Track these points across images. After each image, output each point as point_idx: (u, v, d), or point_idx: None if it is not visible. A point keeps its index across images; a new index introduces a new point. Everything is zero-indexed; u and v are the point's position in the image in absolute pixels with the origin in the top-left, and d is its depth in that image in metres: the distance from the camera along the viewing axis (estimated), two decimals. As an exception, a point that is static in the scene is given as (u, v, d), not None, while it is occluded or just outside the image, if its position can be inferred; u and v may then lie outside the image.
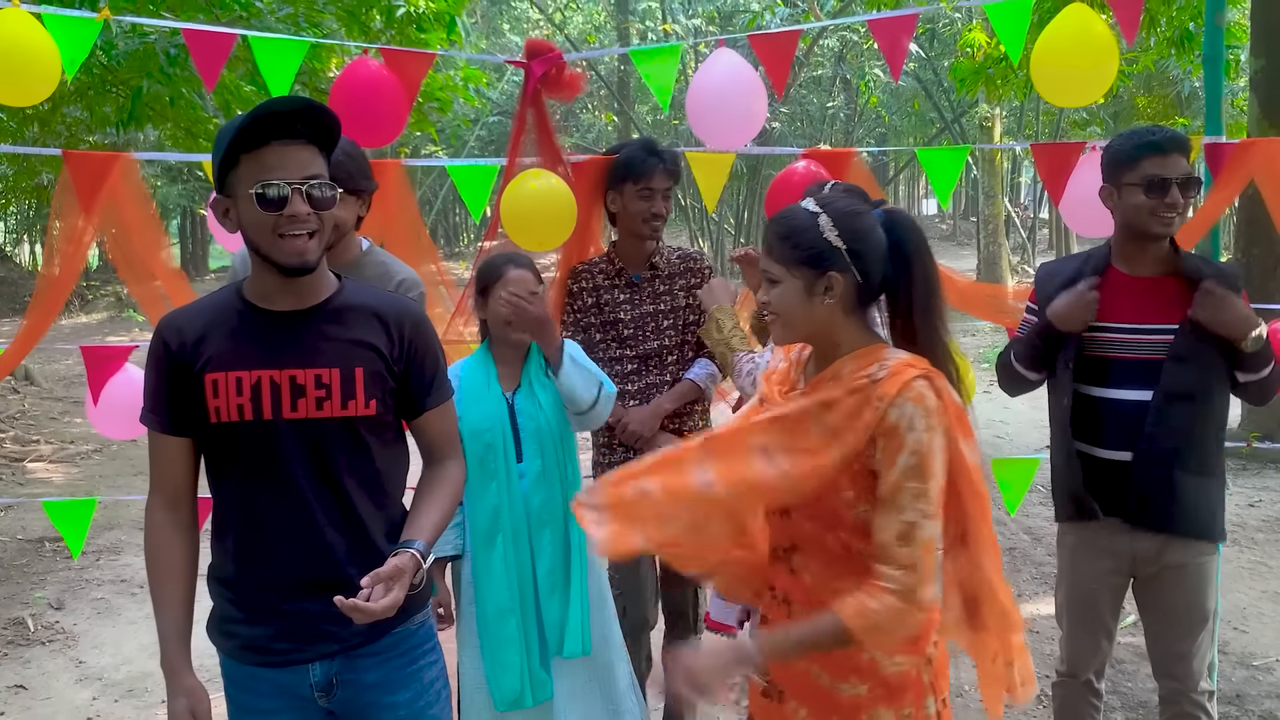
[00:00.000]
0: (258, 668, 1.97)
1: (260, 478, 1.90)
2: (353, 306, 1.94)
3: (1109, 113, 22.35)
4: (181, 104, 7.68)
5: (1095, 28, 3.31)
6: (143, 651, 4.65)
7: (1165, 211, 2.60)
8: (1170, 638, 2.76)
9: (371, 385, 1.91)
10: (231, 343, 1.88)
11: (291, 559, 1.92)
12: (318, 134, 1.83)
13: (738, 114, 3.32)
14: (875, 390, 1.77)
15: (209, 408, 1.86)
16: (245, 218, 1.82)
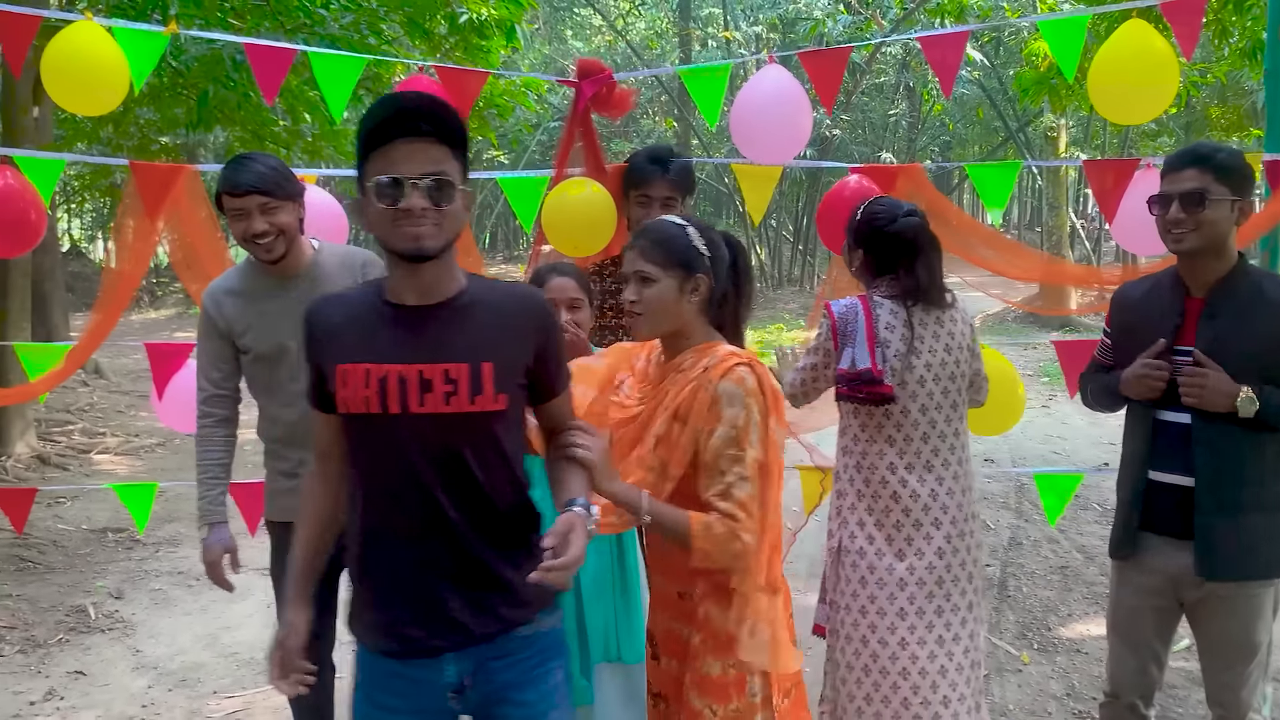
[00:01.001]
0: (391, 659, 1.99)
1: (390, 470, 1.93)
2: (481, 302, 1.96)
3: (1180, 124, 21.89)
4: (248, 107, 7.88)
5: (1154, 43, 3.27)
6: (197, 643, 4.78)
7: (1172, 228, 2.57)
8: (1218, 667, 2.72)
9: (501, 380, 1.93)
10: (362, 336, 1.93)
11: (422, 549, 1.93)
12: (442, 131, 1.85)
13: (782, 130, 3.34)
14: (706, 376, 2.15)
15: (339, 398, 1.93)
16: (369, 212, 1.87)
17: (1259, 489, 2.57)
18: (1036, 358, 13.08)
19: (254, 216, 2.76)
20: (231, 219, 2.80)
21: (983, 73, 21.44)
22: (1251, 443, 2.56)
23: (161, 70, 6.78)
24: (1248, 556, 2.58)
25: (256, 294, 2.90)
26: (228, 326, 2.88)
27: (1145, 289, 2.76)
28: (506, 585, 1.97)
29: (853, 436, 2.82)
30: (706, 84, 3.48)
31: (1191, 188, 2.53)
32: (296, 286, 2.89)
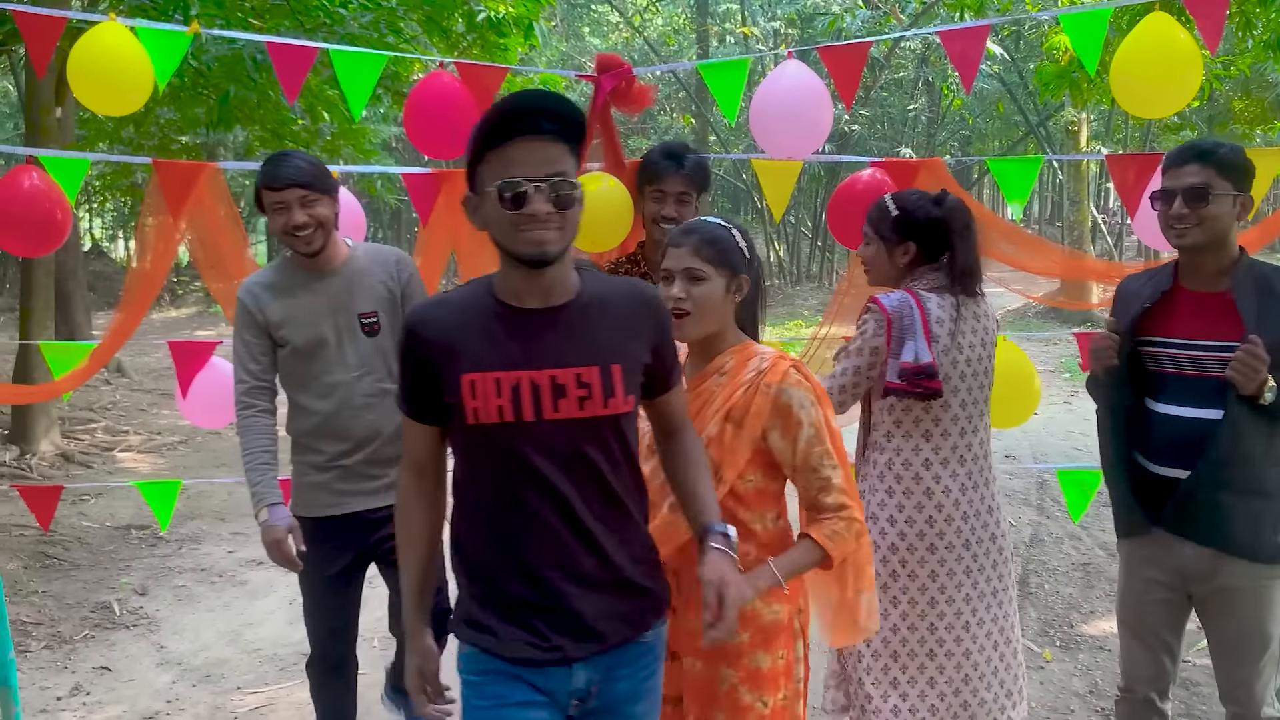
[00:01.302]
0: (522, 667, 1.92)
1: (521, 479, 1.88)
2: (601, 300, 1.93)
3: (1203, 117, 21.69)
4: (268, 106, 7.92)
5: (1176, 37, 3.25)
6: (220, 639, 4.82)
7: (1174, 223, 2.58)
8: (1229, 662, 2.72)
9: (629, 380, 1.91)
10: (487, 343, 1.87)
11: (556, 556, 1.90)
12: (563, 129, 1.81)
13: (802, 125, 3.34)
14: (761, 380, 2.17)
15: (466, 409, 1.85)
16: (489, 213, 1.82)
17: (1261, 476, 2.59)
18: (1058, 353, 13.01)
19: (294, 209, 2.84)
20: (272, 213, 2.87)
21: (1003, 67, 21.30)
22: (1267, 439, 2.58)
23: (182, 70, 6.82)
24: (1245, 536, 2.60)
25: (294, 288, 2.97)
26: (266, 320, 2.95)
27: (1143, 282, 2.79)
28: (637, 589, 1.96)
29: (885, 433, 2.79)
30: (725, 79, 3.47)
31: (1194, 183, 2.55)
32: (332, 281, 2.98)
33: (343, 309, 2.97)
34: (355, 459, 2.99)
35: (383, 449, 3.00)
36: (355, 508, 3.02)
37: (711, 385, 2.23)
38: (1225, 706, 2.79)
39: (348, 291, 2.98)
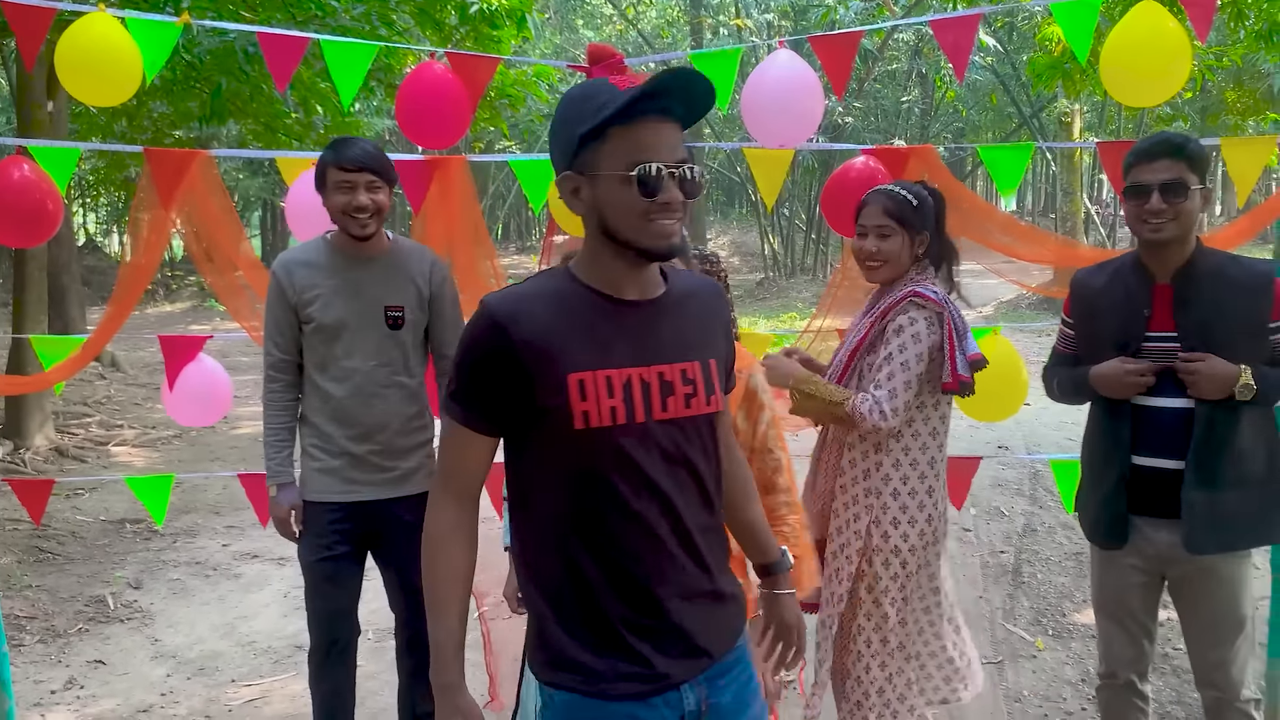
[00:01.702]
0: (629, 702, 1.70)
1: (628, 485, 1.69)
2: (689, 293, 1.81)
3: (1196, 108, 21.70)
4: (261, 100, 7.90)
5: (1166, 26, 3.24)
6: (214, 632, 4.82)
7: (1150, 218, 2.58)
8: (1207, 644, 2.73)
9: (722, 375, 1.83)
10: (592, 338, 1.68)
11: (665, 567, 1.72)
12: (687, 113, 1.68)
13: (793, 114, 3.33)
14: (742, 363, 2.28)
15: (574, 412, 1.65)
16: (609, 197, 1.65)
17: (1241, 465, 2.61)
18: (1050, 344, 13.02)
19: (359, 191, 2.90)
20: (335, 190, 2.91)
21: (996, 58, 21.31)
22: (1239, 421, 2.61)
23: (174, 63, 6.81)
24: (1232, 529, 2.62)
25: (328, 269, 3.01)
26: (296, 296, 2.99)
27: (1107, 276, 2.77)
28: (728, 596, 1.83)
29: (931, 432, 2.79)
30: (717, 69, 3.46)
31: (1171, 178, 2.57)
32: (368, 268, 3.03)
33: (371, 297, 3.01)
34: (364, 448, 3.02)
35: (390, 441, 3.04)
36: (363, 497, 3.06)
37: None
38: (1202, 691, 2.80)
39: (381, 281, 3.03)
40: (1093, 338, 2.76)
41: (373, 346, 3.01)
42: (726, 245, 31.95)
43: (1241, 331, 2.59)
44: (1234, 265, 2.66)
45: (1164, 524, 2.66)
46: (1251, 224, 3.53)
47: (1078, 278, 2.88)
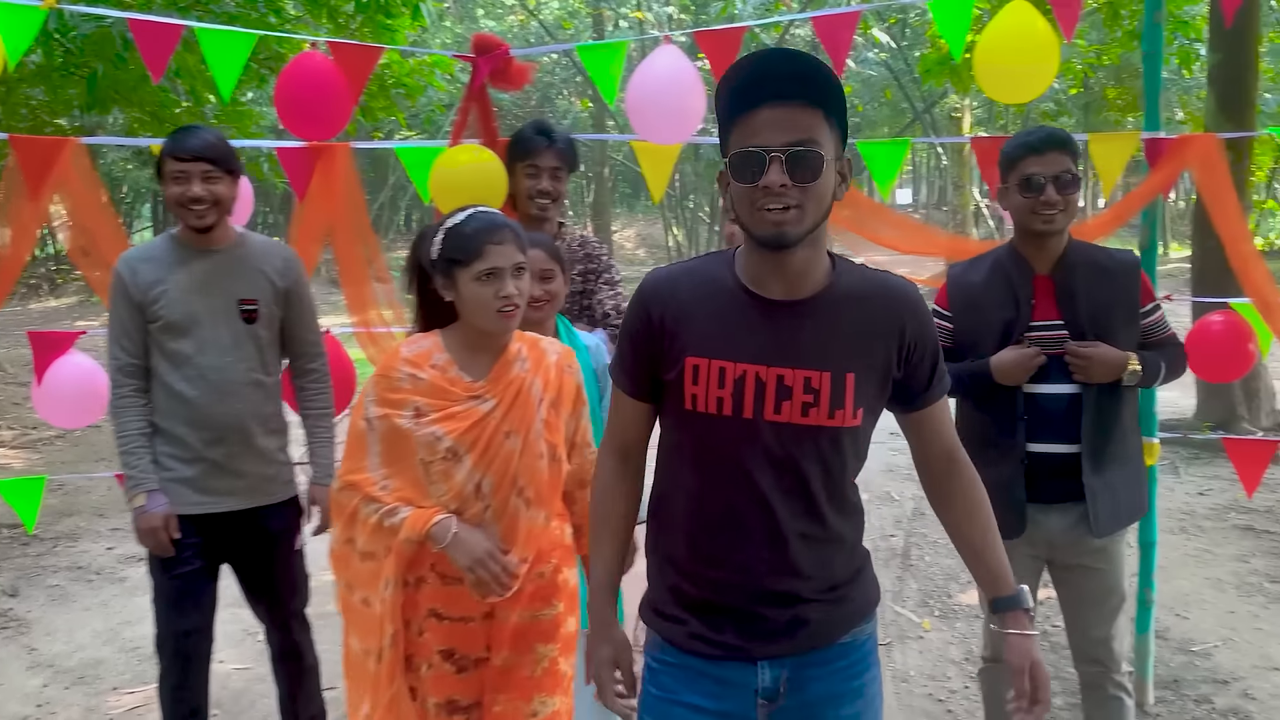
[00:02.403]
0: (700, 659, 1.80)
1: (727, 474, 1.74)
2: (851, 298, 1.75)
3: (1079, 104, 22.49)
4: (145, 88, 7.62)
5: (1036, 25, 3.36)
6: (96, 639, 4.66)
7: (1044, 209, 2.66)
8: (1089, 621, 2.82)
9: (863, 393, 1.73)
10: (719, 328, 1.72)
11: (754, 561, 1.76)
12: (812, 93, 1.62)
13: (676, 110, 3.36)
14: (566, 360, 2.36)
15: (685, 393, 1.73)
16: (732, 190, 1.67)
17: (1124, 444, 2.75)
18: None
19: (194, 181, 2.81)
20: (171, 182, 2.82)
21: (889, 54, 21.77)
22: (1122, 403, 2.74)
23: (51, 49, 6.52)
24: (1122, 507, 2.75)
25: (174, 263, 2.90)
26: (141, 294, 2.86)
27: (987, 269, 2.82)
28: (836, 597, 1.82)
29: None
30: (604, 62, 3.48)
31: (1063, 170, 2.67)
32: (216, 260, 2.93)
33: (221, 289, 2.90)
34: (222, 452, 2.90)
35: (248, 444, 2.93)
36: (222, 507, 2.93)
37: (519, 373, 2.27)
38: (1081, 667, 2.89)
39: (230, 273, 2.93)
40: (976, 329, 2.79)
41: (227, 341, 2.90)
42: (632, 237, 32.04)
43: (1118, 318, 2.72)
44: (1104, 256, 2.78)
45: (1054, 509, 2.74)
46: (1114, 217, 3.68)
47: (954, 272, 2.94)
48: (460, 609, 2.25)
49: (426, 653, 2.26)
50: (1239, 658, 4.22)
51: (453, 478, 2.18)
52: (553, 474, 2.28)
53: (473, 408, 2.21)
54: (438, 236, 2.21)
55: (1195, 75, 12.12)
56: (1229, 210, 3.50)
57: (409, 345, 2.26)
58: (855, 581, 1.86)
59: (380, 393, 2.21)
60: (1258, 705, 3.81)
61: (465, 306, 2.20)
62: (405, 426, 2.18)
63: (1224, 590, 4.98)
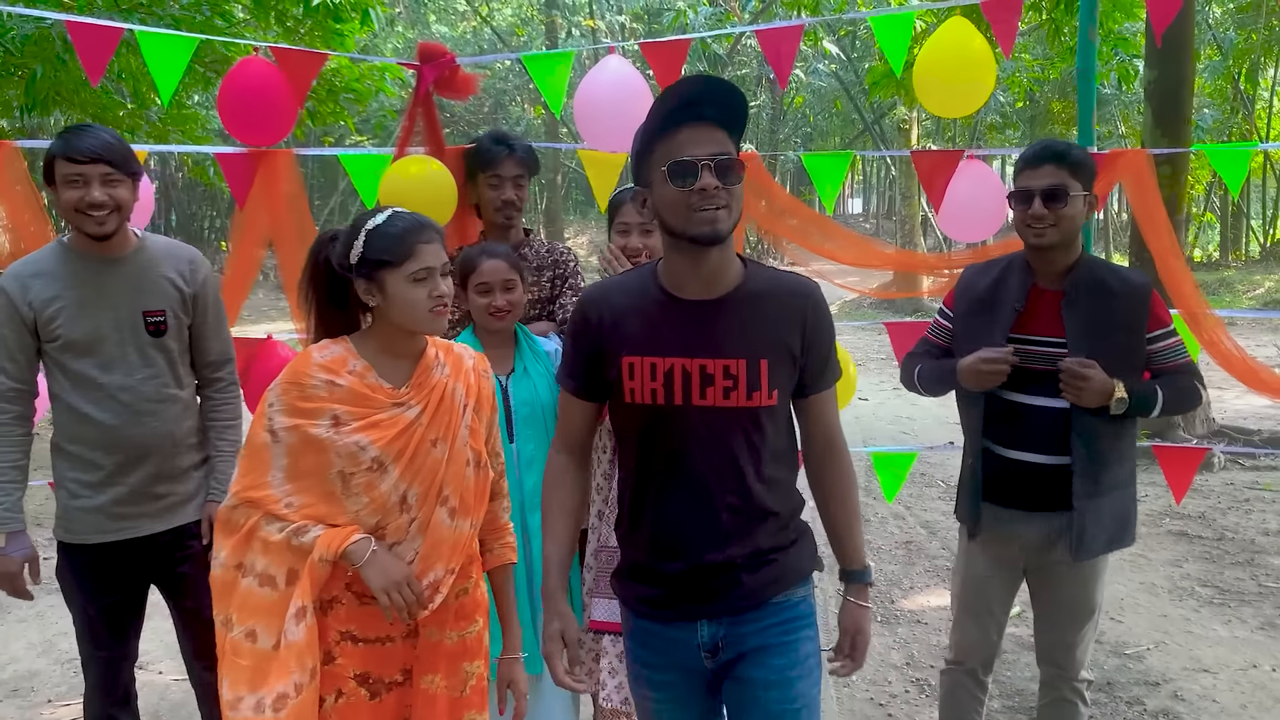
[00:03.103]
0: (650, 621, 2.10)
1: (665, 457, 2.00)
2: (759, 294, 2.00)
3: (1025, 117, 22.92)
4: (88, 90, 7.51)
5: (973, 41, 3.44)
6: (30, 650, 4.57)
7: (1033, 222, 2.64)
8: (1060, 628, 2.84)
9: (775, 376, 1.98)
10: (649, 329, 1.98)
11: (691, 532, 2.01)
12: (725, 117, 1.91)
13: (622, 118, 3.38)
14: (483, 364, 2.30)
15: (624, 388, 1.99)
16: (660, 199, 1.92)
17: (1118, 469, 2.70)
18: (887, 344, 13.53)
19: (93, 185, 2.60)
20: (65, 187, 2.61)
21: (840, 66, 22.03)
22: (1115, 429, 2.68)
23: (-11, 49, 6.42)
24: (1108, 532, 2.72)
25: (69, 277, 2.68)
26: (34, 313, 2.64)
27: (994, 275, 2.81)
28: (765, 562, 2.04)
29: None
30: (550, 71, 3.50)
31: (1052, 184, 2.62)
32: (117, 271, 2.72)
33: (126, 303, 2.71)
34: (139, 475, 2.72)
35: (166, 465, 2.76)
36: (140, 532, 2.75)
37: (440, 378, 2.19)
38: (1042, 668, 2.94)
39: (134, 285, 2.73)
40: (974, 333, 2.78)
41: (135, 359, 2.70)
42: (585, 244, 31.99)
43: (1117, 341, 2.66)
44: (1113, 276, 2.72)
45: (1036, 517, 2.74)
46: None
47: (966, 274, 2.92)
48: (378, 629, 2.14)
49: (339, 680, 2.11)
50: (1170, 660, 4.32)
51: (376, 489, 2.07)
52: (479, 482, 2.21)
53: (398, 415, 2.10)
54: (358, 239, 2.10)
55: (1136, 90, 12.42)
56: (1158, 224, 3.60)
57: (320, 351, 2.13)
58: (787, 549, 2.08)
59: (290, 401, 2.06)
60: (1186, 706, 3.91)
61: (395, 309, 2.09)
62: (322, 436, 2.04)
63: (1158, 595, 5.10)
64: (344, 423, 2.06)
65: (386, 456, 2.07)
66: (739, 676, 2.09)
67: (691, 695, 2.14)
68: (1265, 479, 7.20)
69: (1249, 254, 24.27)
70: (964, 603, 2.96)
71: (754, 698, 2.07)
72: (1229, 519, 6.35)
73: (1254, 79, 22.27)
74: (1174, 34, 7.45)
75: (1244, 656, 4.33)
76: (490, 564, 2.32)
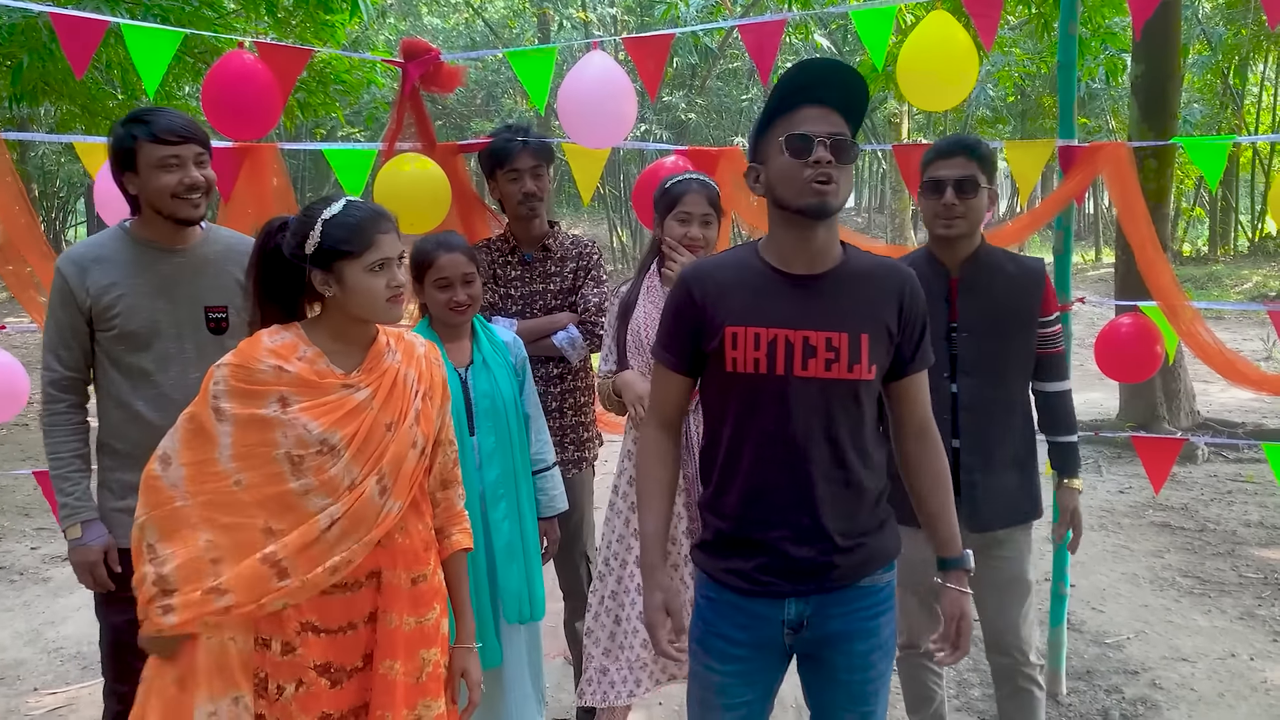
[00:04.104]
0: (737, 595, 2.11)
1: (765, 426, 2.03)
2: (860, 274, 2.07)
3: (1016, 111, 22.95)
4: (76, 81, 7.49)
5: (955, 35, 3.46)
6: (17, 639, 4.59)
7: (943, 213, 2.74)
8: (995, 609, 2.92)
9: (874, 351, 2.03)
10: (754, 301, 2.03)
11: (786, 505, 2.04)
12: (844, 102, 1.98)
13: (606, 114, 3.40)
14: (433, 352, 2.29)
15: (727, 357, 2.03)
16: (773, 171, 1.99)
17: (1008, 445, 2.82)
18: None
19: (189, 167, 2.50)
20: (158, 171, 2.48)
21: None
22: (1007, 406, 2.81)
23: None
24: (1003, 508, 2.83)
25: (130, 264, 2.58)
26: (90, 299, 2.54)
27: None
28: (857, 544, 2.09)
29: None
30: (533, 67, 3.51)
31: (964, 175, 2.73)
32: (179, 263, 2.61)
33: (187, 297, 2.59)
34: None
35: None
36: None
37: (391, 363, 2.19)
38: (992, 658, 3.01)
39: (196, 278, 2.62)
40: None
41: (191, 355, 2.58)
42: (576, 237, 32.03)
43: (1014, 324, 2.79)
44: (1011, 262, 2.85)
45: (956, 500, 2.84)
46: (1032, 221, 3.80)
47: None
48: (339, 618, 2.13)
49: (300, 671, 2.10)
50: (1149, 649, 4.37)
51: (326, 472, 2.05)
52: (418, 466, 2.20)
53: (346, 396, 2.10)
54: (314, 229, 2.07)
55: (1125, 85, 12.45)
56: (1138, 217, 3.63)
57: (271, 336, 2.11)
58: (877, 531, 2.14)
59: (236, 384, 2.05)
60: (1164, 694, 3.95)
61: (352, 299, 2.08)
62: (269, 416, 2.04)
63: (1139, 585, 5.15)
64: (290, 403, 2.05)
65: (335, 438, 2.06)
66: (821, 658, 2.16)
67: (762, 670, 2.17)
68: (1248, 471, 7.25)
69: (1237, 248, 24.35)
70: (905, 586, 3.01)
71: (834, 680, 2.16)
72: (1211, 510, 6.41)
73: (1243, 74, 22.31)
74: (1159, 28, 7.48)
75: (1223, 646, 4.38)
76: (446, 550, 2.32)
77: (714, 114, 26.54)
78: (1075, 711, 3.86)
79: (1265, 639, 4.45)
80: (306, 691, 2.11)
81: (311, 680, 2.10)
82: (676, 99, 22.41)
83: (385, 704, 2.13)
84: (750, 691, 2.16)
